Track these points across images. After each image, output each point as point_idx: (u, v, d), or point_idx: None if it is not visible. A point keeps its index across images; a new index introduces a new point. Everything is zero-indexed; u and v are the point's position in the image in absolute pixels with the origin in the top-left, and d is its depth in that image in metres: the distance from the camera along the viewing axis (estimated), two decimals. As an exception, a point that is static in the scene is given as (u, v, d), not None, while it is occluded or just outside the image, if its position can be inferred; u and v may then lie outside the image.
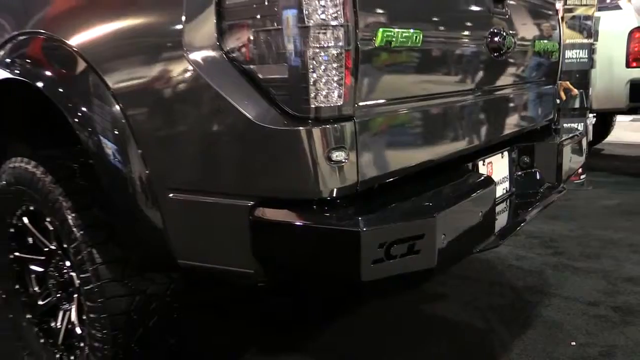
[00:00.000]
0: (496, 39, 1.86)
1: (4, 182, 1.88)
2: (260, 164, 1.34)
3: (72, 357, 1.87)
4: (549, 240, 3.37)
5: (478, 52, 1.84)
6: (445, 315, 2.48)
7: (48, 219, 1.78)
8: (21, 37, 1.86)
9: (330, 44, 1.27)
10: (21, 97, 1.87)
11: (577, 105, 4.76)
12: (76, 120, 1.57)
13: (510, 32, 1.96)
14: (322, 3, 1.25)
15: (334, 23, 1.27)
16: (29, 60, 1.81)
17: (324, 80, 1.27)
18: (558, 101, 2.80)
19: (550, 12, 2.46)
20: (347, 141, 1.31)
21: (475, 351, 2.19)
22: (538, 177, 2.23)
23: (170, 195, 1.48)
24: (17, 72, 1.82)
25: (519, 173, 2.23)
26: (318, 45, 1.26)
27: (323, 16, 1.26)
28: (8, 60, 1.89)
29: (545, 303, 2.53)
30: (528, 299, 2.59)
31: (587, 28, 4.73)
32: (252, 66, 1.31)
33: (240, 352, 2.22)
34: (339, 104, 1.30)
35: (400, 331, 2.35)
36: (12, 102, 2.02)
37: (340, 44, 1.28)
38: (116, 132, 1.52)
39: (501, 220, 1.91)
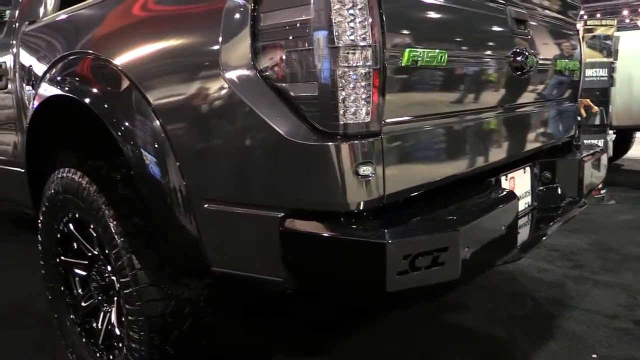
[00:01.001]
0: (518, 58, 1.83)
1: (53, 191, 1.92)
2: (291, 177, 1.33)
3: (111, 357, 1.88)
4: (569, 254, 3.28)
5: (501, 71, 1.81)
6: (467, 325, 2.43)
7: (92, 226, 1.81)
8: (71, 57, 1.91)
9: (358, 64, 1.26)
10: (69, 112, 1.91)
11: (597, 122, 4.66)
12: (119, 133, 1.60)
13: (532, 51, 1.92)
14: (352, 25, 1.25)
15: (362, 44, 1.26)
16: (77, 78, 1.86)
17: (352, 98, 1.27)
18: (578, 118, 2.73)
19: (571, 32, 2.41)
20: (374, 156, 1.30)
21: (497, 361, 2.14)
22: (559, 192, 2.17)
23: (206, 205, 1.49)
24: (67, 89, 1.87)
25: (541, 188, 2.18)
26: (347, 65, 1.26)
27: (352, 37, 1.25)
28: (59, 78, 1.94)
29: (566, 315, 2.46)
30: (549, 311, 2.51)
31: (607, 47, 4.64)
32: (284, 84, 1.31)
33: (269, 354, 2.21)
34: (367, 120, 1.29)
35: (422, 339, 2.31)
36: (61, 117, 2.07)
37: (369, 63, 1.27)
38: (156, 146, 1.53)
39: (523, 234, 1.86)
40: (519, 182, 2.01)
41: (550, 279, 2.88)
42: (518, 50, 1.84)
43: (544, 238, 1.87)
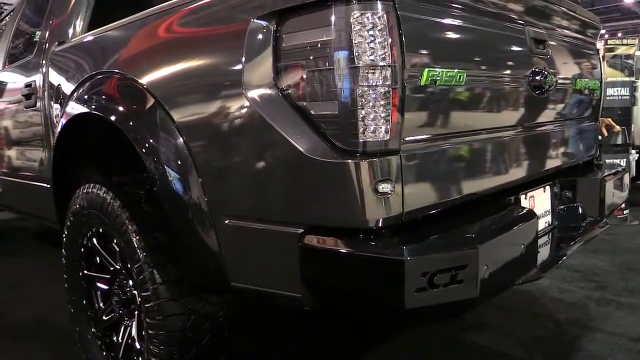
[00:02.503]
0: (537, 77, 1.84)
1: (78, 206, 1.97)
2: (311, 193, 1.35)
3: (130, 371, 1.91)
4: (591, 274, 3.23)
5: (520, 91, 1.82)
6: (487, 345, 2.40)
7: (115, 241, 1.85)
8: (98, 76, 1.97)
9: (378, 83, 1.29)
10: (95, 129, 1.97)
11: (619, 141, 4.61)
12: (144, 150, 1.64)
13: (552, 71, 1.93)
14: (372, 45, 1.28)
15: (382, 63, 1.29)
16: (104, 97, 1.92)
17: (371, 117, 1.29)
18: (599, 137, 2.72)
19: (591, 52, 2.41)
20: (393, 174, 1.32)
21: (517, 382, 2.11)
22: (580, 212, 2.15)
23: (226, 221, 1.51)
24: (94, 107, 1.92)
25: (562, 207, 2.16)
26: (367, 84, 1.28)
27: (372, 57, 1.28)
28: (86, 96, 2.00)
29: (589, 337, 2.41)
30: (571, 332, 2.47)
31: (628, 66, 4.61)
32: (304, 103, 1.34)
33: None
34: (386, 138, 1.31)
35: (438, 358, 2.28)
36: (87, 134, 2.13)
37: (388, 82, 1.29)
38: (179, 162, 1.57)
39: (543, 253, 1.85)
40: (539, 201, 2.00)
41: (572, 300, 2.84)
42: (537, 70, 1.85)
43: (564, 257, 1.85)
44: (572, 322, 2.58)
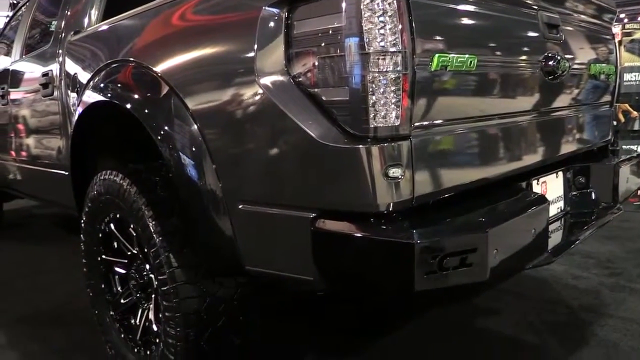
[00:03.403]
0: (550, 62, 1.84)
1: (95, 193, 2.02)
2: (322, 179, 1.38)
3: (148, 352, 1.96)
4: (605, 261, 3.22)
5: (532, 76, 1.82)
6: (498, 330, 2.42)
7: (132, 226, 1.89)
8: (113, 65, 2.01)
9: (388, 69, 1.31)
10: (112, 117, 2.01)
11: (636, 127, 4.56)
12: (159, 137, 1.68)
13: (565, 56, 1.93)
14: (382, 32, 1.30)
15: (392, 49, 1.31)
16: (119, 85, 1.96)
17: (382, 102, 1.31)
18: (615, 123, 2.70)
19: (606, 36, 2.39)
20: (404, 159, 1.34)
21: (528, 367, 2.13)
22: (593, 197, 2.16)
23: (240, 206, 1.55)
24: (109, 95, 1.97)
25: (574, 193, 2.17)
26: (377, 70, 1.30)
27: (382, 43, 1.30)
28: (102, 85, 2.05)
29: (602, 323, 2.42)
30: (584, 318, 2.49)
31: (646, 51, 4.54)
32: (316, 89, 1.37)
33: (301, 354, 2.26)
34: (396, 124, 1.33)
35: (451, 343, 2.32)
36: (103, 122, 2.17)
37: (398, 68, 1.31)
38: (194, 149, 1.61)
39: (555, 238, 1.86)
40: (551, 186, 2.01)
41: (585, 287, 2.84)
42: (550, 55, 1.85)
43: (576, 243, 1.86)
44: (585, 308, 2.59)
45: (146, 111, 1.76)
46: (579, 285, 2.86)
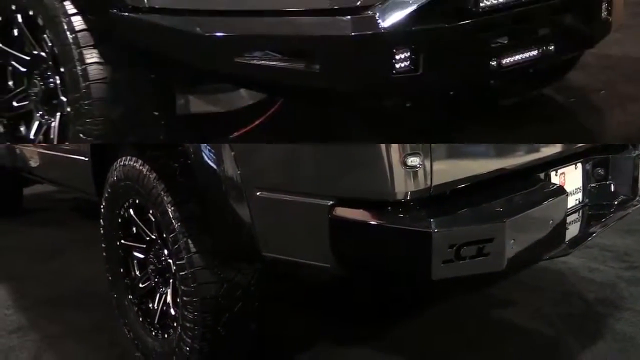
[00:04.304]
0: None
1: (115, 178, 2.05)
2: (340, 167, 1.39)
3: (165, 335, 1.99)
4: (623, 254, 3.19)
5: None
6: (514, 321, 2.42)
7: (151, 211, 1.92)
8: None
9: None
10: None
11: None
12: (179, 124, 1.70)
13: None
14: None
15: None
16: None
17: (401, 91, 1.32)
18: None
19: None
20: (422, 147, 1.34)
21: (543, 358, 2.13)
22: (612, 190, 2.14)
23: (258, 193, 1.56)
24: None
25: (593, 185, 2.15)
26: None
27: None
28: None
29: (617, 316, 2.41)
30: (599, 311, 2.47)
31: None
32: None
33: (316, 340, 2.28)
34: (415, 113, 1.33)
35: (465, 334, 2.32)
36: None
37: None
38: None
39: (572, 230, 1.85)
40: (570, 178, 1.99)
41: (602, 279, 2.82)
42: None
43: (593, 235, 1.85)
44: (601, 301, 2.57)
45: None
46: (596, 278, 2.84)
